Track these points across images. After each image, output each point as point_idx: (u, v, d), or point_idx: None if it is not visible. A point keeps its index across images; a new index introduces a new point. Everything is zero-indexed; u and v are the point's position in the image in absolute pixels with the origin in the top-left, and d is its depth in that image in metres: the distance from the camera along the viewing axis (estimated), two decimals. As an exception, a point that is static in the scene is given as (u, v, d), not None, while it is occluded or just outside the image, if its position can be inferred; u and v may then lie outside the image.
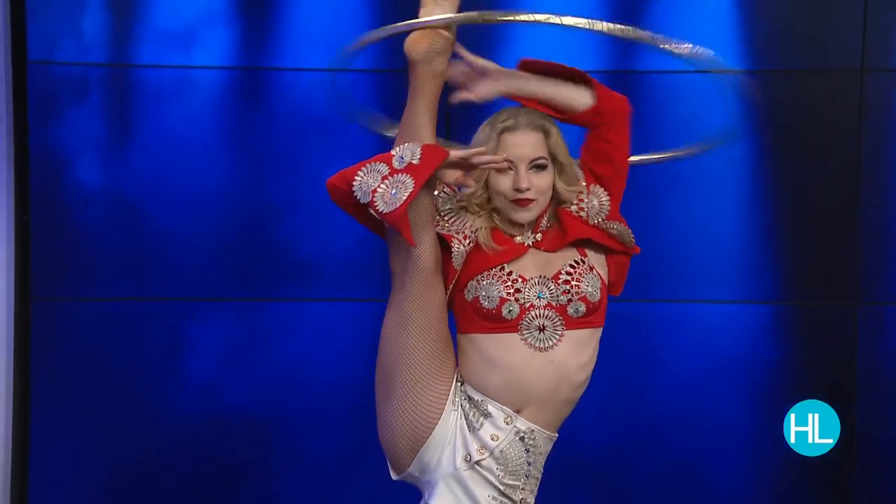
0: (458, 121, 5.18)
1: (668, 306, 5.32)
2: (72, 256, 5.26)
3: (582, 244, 3.15)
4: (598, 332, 3.16)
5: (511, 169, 3.09)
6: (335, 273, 5.28)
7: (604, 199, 3.15)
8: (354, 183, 2.97)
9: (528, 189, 3.04)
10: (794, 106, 5.34)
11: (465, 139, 3.27)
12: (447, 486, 3.05)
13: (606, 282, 3.16)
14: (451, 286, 3.09)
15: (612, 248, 3.16)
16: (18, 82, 5.22)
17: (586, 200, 3.15)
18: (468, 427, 3.05)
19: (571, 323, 3.04)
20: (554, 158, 3.08)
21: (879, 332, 5.31)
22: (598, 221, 3.14)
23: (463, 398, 3.08)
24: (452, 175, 3.04)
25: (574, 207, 3.15)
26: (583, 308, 3.03)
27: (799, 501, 5.37)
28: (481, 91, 3.24)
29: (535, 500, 3.13)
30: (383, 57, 5.16)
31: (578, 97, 3.23)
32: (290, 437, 5.32)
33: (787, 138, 5.33)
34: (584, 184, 3.19)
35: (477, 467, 3.03)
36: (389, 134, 3.47)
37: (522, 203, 3.06)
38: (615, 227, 3.14)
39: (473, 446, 3.02)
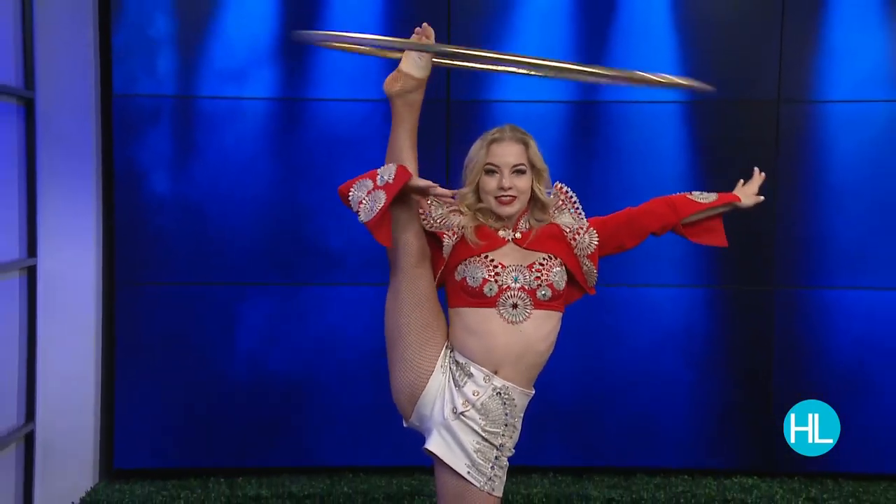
0: (457, 127, 5.30)
1: (625, 290, 5.39)
2: (147, 250, 5.30)
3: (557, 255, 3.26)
4: (559, 315, 3.26)
5: (495, 171, 3.22)
6: (357, 262, 5.31)
7: (594, 242, 3.28)
8: (350, 195, 3.09)
9: (510, 188, 3.20)
10: (722, 130, 5.40)
11: (461, 144, 3.44)
12: (439, 433, 3.16)
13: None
14: (441, 270, 3.21)
15: (575, 279, 3.27)
16: (105, 111, 5.27)
17: (582, 235, 3.27)
18: (454, 385, 3.17)
19: (539, 304, 3.18)
20: (532, 165, 3.23)
21: (791, 310, 5.43)
22: (580, 254, 3.27)
23: (451, 362, 3.20)
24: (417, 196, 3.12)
25: (570, 233, 3.27)
26: (549, 293, 3.18)
27: (726, 444, 5.46)
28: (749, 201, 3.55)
29: (516, 445, 3.22)
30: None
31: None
32: (321, 395, 5.39)
33: (717, 156, 5.38)
34: (587, 223, 3.30)
35: (462, 418, 3.14)
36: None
37: (505, 200, 3.20)
38: (587, 265, 3.27)
39: (459, 400, 3.14)
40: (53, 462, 5.22)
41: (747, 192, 3.58)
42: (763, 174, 3.60)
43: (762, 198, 3.57)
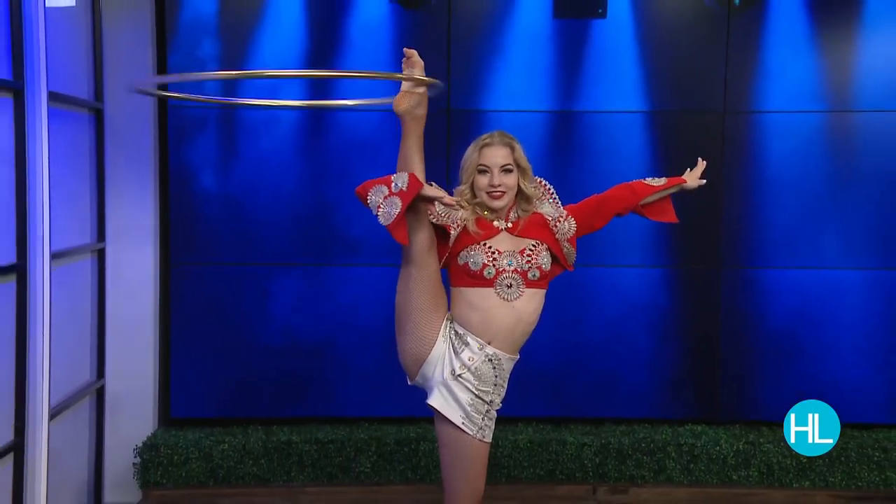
0: (456, 132, 5.30)
1: (597, 269, 5.41)
2: (197, 236, 5.34)
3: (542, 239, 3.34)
4: (544, 292, 3.36)
5: (486, 171, 3.29)
6: (372, 247, 5.33)
7: (573, 228, 3.37)
8: (368, 200, 3.10)
9: (499, 185, 3.29)
10: (677, 135, 5.39)
11: (460, 147, 3.44)
12: (440, 390, 3.27)
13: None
14: (446, 256, 3.29)
15: (557, 259, 3.36)
16: (162, 120, 5.31)
17: (562, 223, 3.35)
18: (454, 352, 3.27)
19: (529, 283, 3.30)
20: (518, 165, 3.33)
21: (735, 286, 5.46)
22: (561, 238, 3.36)
23: (451, 332, 3.28)
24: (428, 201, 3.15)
25: (552, 221, 3.35)
26: (538, 274, 3.30)
27: (680, 397, 5.51)
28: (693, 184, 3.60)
29: (503, 401, 3.36)
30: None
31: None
32: (341, 357, 5.43)
33: (673, 157, 5.27)
34: (565, 211, 3.37)
35: (459, 379, 3.26)
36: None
37: (496, 195, 3.30)
38: (567, 247, 3.37)
39: (457, 364, 3.25)
40: (120, 412, 5.29)
41: (692, 176, 3.61)
42: (705, 162, 3.64)
43: (704, 181, 3.61)
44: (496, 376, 3.30)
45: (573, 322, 5.47)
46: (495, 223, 3.33)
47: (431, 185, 3.19)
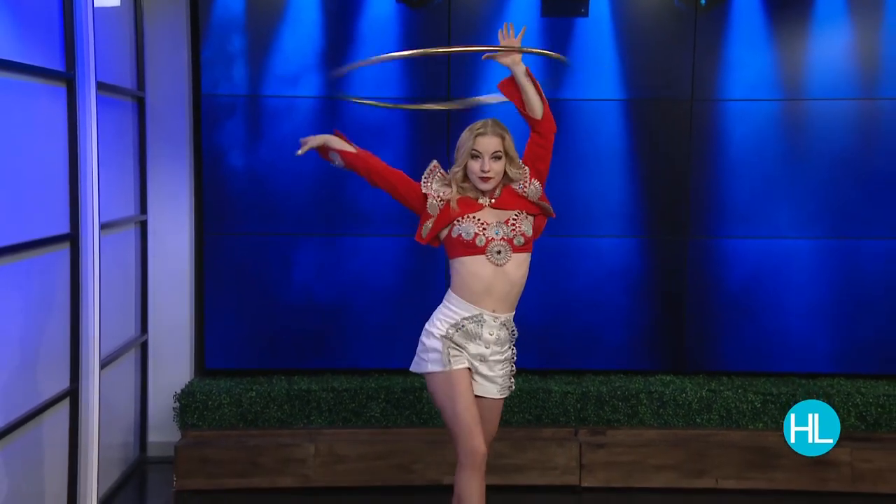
0: (454, 117, 5.28)
1: (578, 239, 5.42)
2: (227, 209, 5.33)
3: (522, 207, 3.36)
4: (529, 255, 3.37)
5: (478, 156, 3.31)
6: (382, 219, 5.33)
7: (538, 186, 3.37)
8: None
9: (489, 170, 3.29)
10: (649, 120, 5.37)
11: (458, 132, 3.40)
12: (476, 381, 3.31)
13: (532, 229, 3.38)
14: (438, 231, 3.32)
15: (539, 214, 3.39)
16: (196, 107, 5.30)
17: (528, 187, 3.36)
18: (469, 340, 3.27)
19: (516, 249, 3.32)
20: (506, 153, 3.33)
21: (700, 253, 5.47)
22: (533, 198, 3.37)
23: (454, 336, 3.28)
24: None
25: (519, 187, 3.37)
26: (522, 240, 3.33)
27: (651, 351, 5.52)
28: (505, 60, 3.22)
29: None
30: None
31: (538, 107, 3.30)
32: (354, 316, 5.41)
33: (646, 140, 5.33)
34: (528, 174, 3.36)
35: (489, 360, 3.33)
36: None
37: (485, 179, 3.31)
38: (542, 204, 3.38)
39: (482, 348, 3.29)
40: (161, 363, 5.34)
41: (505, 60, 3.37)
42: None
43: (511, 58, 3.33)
44: (509, 333, 3.38)
45: (559, 285, 5.47)
46: (479, 200, 3.36)
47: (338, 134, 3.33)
